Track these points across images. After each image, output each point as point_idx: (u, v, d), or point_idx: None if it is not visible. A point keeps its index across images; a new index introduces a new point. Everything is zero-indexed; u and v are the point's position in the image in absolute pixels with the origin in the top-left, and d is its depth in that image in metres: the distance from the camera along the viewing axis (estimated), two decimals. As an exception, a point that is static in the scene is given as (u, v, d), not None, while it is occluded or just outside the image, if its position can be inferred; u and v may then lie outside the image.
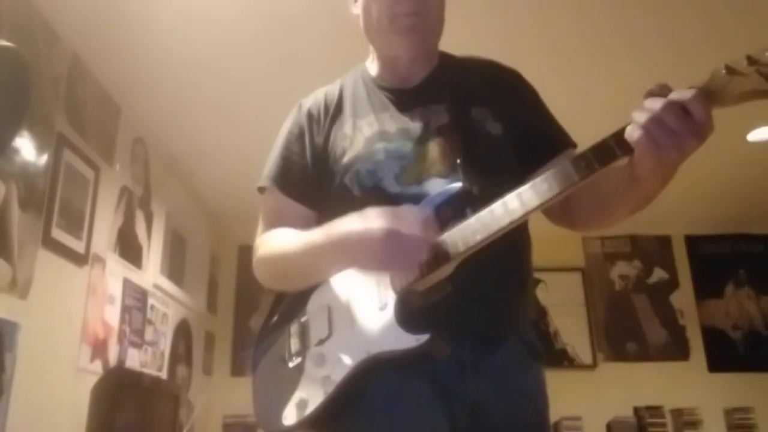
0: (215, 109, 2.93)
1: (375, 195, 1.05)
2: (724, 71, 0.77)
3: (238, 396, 1.07)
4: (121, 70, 2.61)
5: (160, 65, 2.59)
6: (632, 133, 0.80)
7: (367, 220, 0.92)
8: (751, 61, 0.76)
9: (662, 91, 0.81)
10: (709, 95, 0.78)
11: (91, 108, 2.57)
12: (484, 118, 1.11)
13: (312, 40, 2.38)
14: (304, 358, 1.02)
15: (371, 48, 1.23)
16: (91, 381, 2.37)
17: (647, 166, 0.83)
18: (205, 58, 2.56)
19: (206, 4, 2.26)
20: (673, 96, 0.78)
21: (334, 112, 1.18)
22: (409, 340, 0.90)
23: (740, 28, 2.33)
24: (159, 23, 2.34)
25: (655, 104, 0.79)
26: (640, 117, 0.80)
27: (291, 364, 1.04)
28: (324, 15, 2.21)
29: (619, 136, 0.82)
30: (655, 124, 0.78)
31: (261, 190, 1.20)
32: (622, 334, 4.49)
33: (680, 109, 0.77)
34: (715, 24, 2.38)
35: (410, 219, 0.91)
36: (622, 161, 0.84)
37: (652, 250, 4.70)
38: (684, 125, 0.77)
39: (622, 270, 4.67)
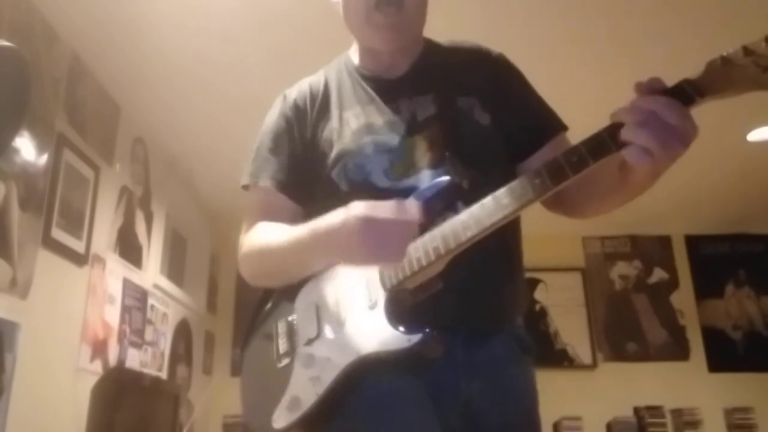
0: (216, 109, 2.94)
1: (363, 190, 1.03)
2: (720, 62, 0.76)
3: (238, 396, 1.07)
4: (121, 70, 2.61)
5: (160, 65, 2.59)
6: (638, 157, 0.78)
7: (347, 211, 0.90)
8: (748, 52, 0.75)
9: (654, 86, 0.79)
10: (706, 87, 0.77)
11: (91, 108, 2.57)
12: (471, 107, 1.09)
13: (317, 39, 2.38)
14: (292, 359, 1.00)
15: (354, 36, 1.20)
16: (91, 381, 2.37)
17: (640, 176, 0.83)
18: (206, 58, 2.56)
19: (206, 4, 2.26)
20: (651, 107, 0.77)
21: (321, 103, 1.15)
22: (401, 341, 0.89)
23: (727, 21, 2.32)
24: (159, 23, 2.34)
25: (641, 116, 0.77)
26: (643, 139, 0.77)
27: (280, 365, 1.01)
28: (322, 17, 2.21)
29: (612, 130, 0.81)
30: (661, 145, 0.76)
31: (245, 186, 1.17)
32: (622, 334, 4.49)
33: (667, 125, 0.76)
34: (703, 17, 2.37)
35: (388, 206, 0.88)
36: (616, 155, 0.82)
37: (652, 250, 4.70)
38: (676, 139, 0.76)
39: (622, 270, 4.67)
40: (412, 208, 0.88)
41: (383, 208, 0.88)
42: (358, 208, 0.89)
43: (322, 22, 2.22)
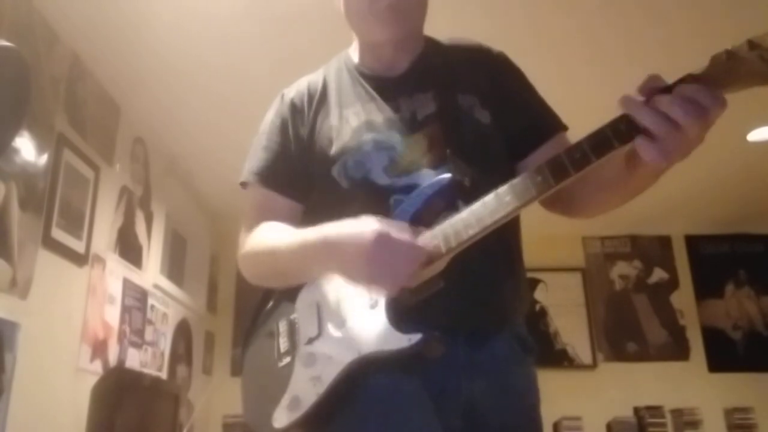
0: (215, 108, 2.94)
1: (363, 187, 1.03)
2: (725, 57, 0.75)
3: (238, 396, 1.08)
4: (121, 70, 2.61)
5: (160, 65, 2.59)
6: (649, 150, 0.76)
7: (361, 224, 0.90)
8: (753, 45, 0.73)
9: (656, 83, 0.77)
10: (711, 82, 0.75)
11: (91, 108, 2.57)
12: (471, 105, 1.08)
13: (315, 38, 2.38)
14: (293, 358, 1.00)
15: (354, 34, 1.19)
16: (91, 381, 2.37)
17: (649, 170, 0.82)
18: (206, 57, 2.56)
19: (206, 4, 2.26)
20: (687, 93, 0.74)
21: (319, 101, 1.15)
22: (401, 341, 0.88)
23: (729, 21, 2.32)
24: (159, 23, 2.34)
25: (675, 112, 0.74)
26: (652, 122, 0.75)
27: (280, 364, 1.01)
28: (327, 12, 2.21)
29: (615, 126, 0.80)
30: (675, 137, 0.74)
31: (244, 185, 1.17)
32: (622, 334, 4.49)
33: (699, 110, 0.74)
34: (705, 17, 2.38)
35: (403, 229, 0.89)
36: (619, 152, 0.81)
37: (652, 250, 4.70)
38: (700, 129, 0.74)
39: (622, 270, 4.67)
40: (424, 248, 0.89)
41: (399, 230, 0.88)
42: (373, 224, 0.89)
43: (321, 24, 2.22)
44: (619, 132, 0.79)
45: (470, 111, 1.08)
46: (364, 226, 0.89)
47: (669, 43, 2.50)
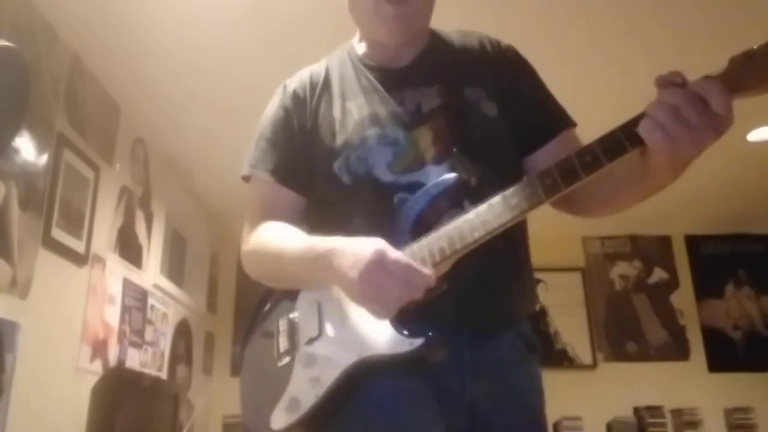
0: (215, 108, 2.93)
1: (366, 183, 1.01)
2: (742, 59, 0.73)
3: (238, 396, 1.08)
4: (121, 70, 2.61)
5: (160, 65, 2.59)
6: (648, 130, 0.74)
7: (365, 242, 0.88)
8: None
9: (675, 79, 0.76)
10: (729, 85, 0.73)
11: (91, 108, 2.57)
12: (478, 98, 1.06)
13: (313, 42, 2.38)
14: (293, 358, 0.98)
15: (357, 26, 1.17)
16: (91, 381, 2.37)
17: (661, 162, 0.79)
18: (205, 57, 2.55)
19: (206, 4, 2.26)
20: (694, 88, 0.73)
21: (321, 93, 1.12)
22: (402, 344, 0.86)
23: (745, 18, 2.32)
24: (159, 23, 2.34)
25: (675, 98, 0.73)
26: (658, 112, 0.74)
27: (280, 364, 0.99)
28: (325, 16, 2.21)
29: (628, 128, 0.78)
30: (674, 120, 0.73)
31: (246, 178, 1.15)
32: (622, 334, 4.49)
33: (701, 103, 0.72)
34: (720, 13, 2.37)
35: (407, 258, 0.86)
36: (632, 154, 0.79)
37: (652, 250, 4.70)
38: (704, 120, 0.72)
39: (622, 270, 4.67)
40: (427, 276, 0.85)
41: (403, 256, 0.86)
42: (377, 243, 0.86)
43: (320, 30, 2.22)
44: (632, 135, 0.77)
45: (477, 104, 1.06)
46: (367, 244, 0.87)
47: (684, 43, 2.49)
